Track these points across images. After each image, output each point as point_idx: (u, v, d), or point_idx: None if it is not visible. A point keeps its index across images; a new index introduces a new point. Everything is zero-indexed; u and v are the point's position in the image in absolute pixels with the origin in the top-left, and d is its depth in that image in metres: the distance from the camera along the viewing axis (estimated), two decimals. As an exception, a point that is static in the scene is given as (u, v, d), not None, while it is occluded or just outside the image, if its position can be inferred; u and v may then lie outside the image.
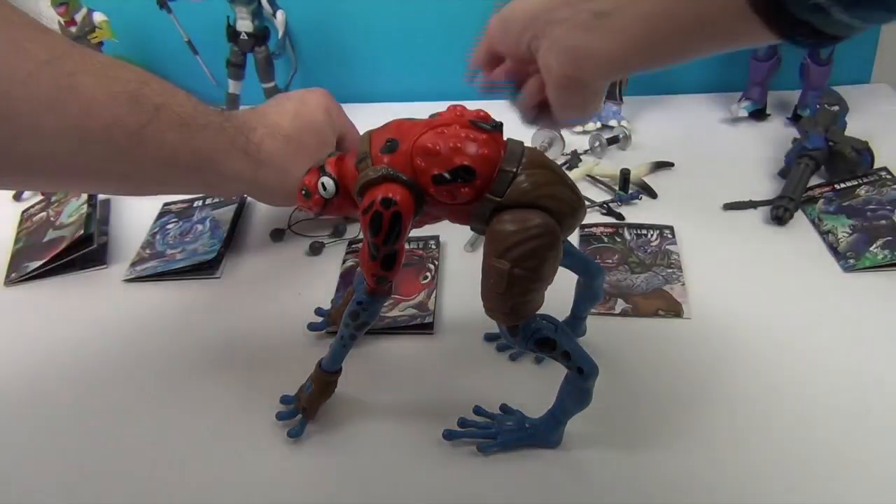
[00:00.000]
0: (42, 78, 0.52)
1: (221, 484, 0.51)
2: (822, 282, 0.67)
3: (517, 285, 0.44)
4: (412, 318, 0.64)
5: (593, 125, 0.94)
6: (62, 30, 0.92)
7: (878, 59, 1.02)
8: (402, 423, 0.55)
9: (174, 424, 0.56)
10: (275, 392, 0.56)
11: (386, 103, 1.02)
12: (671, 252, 0.71)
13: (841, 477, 0.49)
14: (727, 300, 0.65)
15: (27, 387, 0.61)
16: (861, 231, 0.71)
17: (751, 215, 0.76)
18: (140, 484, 0.52)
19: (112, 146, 0.56)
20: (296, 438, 0.53)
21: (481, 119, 0.47)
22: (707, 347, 0.60)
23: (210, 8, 0.92)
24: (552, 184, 0.45)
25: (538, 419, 0.52)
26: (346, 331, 0.51)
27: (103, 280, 0.73)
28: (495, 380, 0.58)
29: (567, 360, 0.47)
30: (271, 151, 0.65)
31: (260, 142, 0.65)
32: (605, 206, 0.78)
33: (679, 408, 0.55)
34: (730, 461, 0.50)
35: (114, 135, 0.55)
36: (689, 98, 1.01)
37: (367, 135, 0.48)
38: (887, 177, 0.78)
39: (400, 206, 0.45)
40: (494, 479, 0.50)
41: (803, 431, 0.52)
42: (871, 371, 0.57)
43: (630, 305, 0.65)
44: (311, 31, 1.02)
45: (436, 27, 1.02)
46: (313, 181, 0.50)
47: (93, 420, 0.57)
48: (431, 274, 0.69)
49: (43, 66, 0.52)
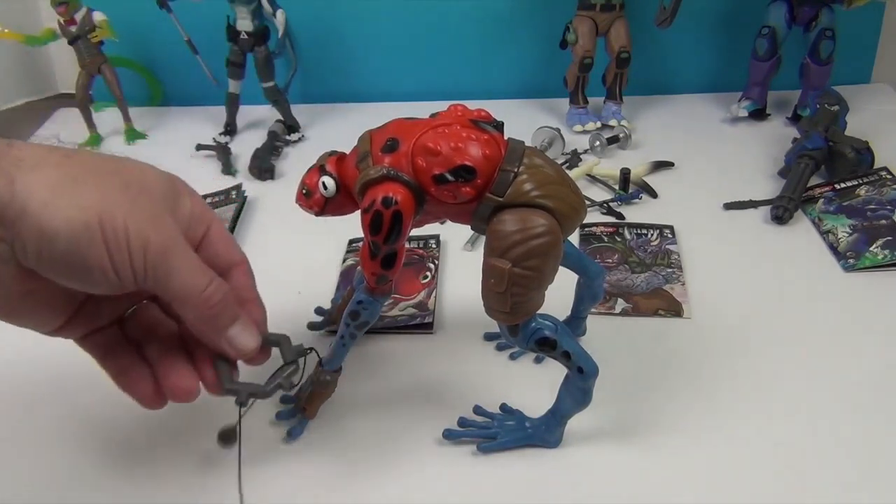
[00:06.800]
0: None
1: (221, 484, 0.51)
2: (822, 282, 0.67)
3: (517, 285, 0.44)
4: (412, 318, 0.64)
5: (593, 125, 0.94)
6: (62, 29, 0.92)
7: (878, 59, 1.02)
8: (402, 422, 0.55)
9: (174, 424, 0.56)
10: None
11: (386, 103, 1.02)
12: (671, 252, 0.71)
13: (841, 476, 0.49)
14: (727, 300, 0.65)
15: (26, 386, 0.61)
16: (861, 231, 0.71)
17: (751, 215, 0.76)
18: (140, 484, 0.52)
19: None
20: (296, 438, 0.53)
21: (482, 118, 0.47)
22: (707, 347, 0.60)
23: (210, 8, 0.91)
24: (553, 183, 0.45)
25: (538, 419, 0.52)
26: (347, 330, 0.51)
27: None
28: (495, 380, 0.58)
29: (567, 359, 0.47)
30: (38, 165, 0.37)
31: (22, 158, 0.37)
32: (606, 206, 0.78)
33: (679, 407, 0.55)
34: (730, 461, 0.50)
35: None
36: (689, 98, 1.02)
37: (367, 134, 0.48)
38: (887, 177, 0.78)
39: (400, 205, 0.45)
40: (494, 479, 0.50)
41: (804, 431, 0.52)
42: (871, 371, 0.57)
43: (630, 305, 0.65)
44: (311, 30, 1.02)
45: (436, 27, 1.02)
46: (314, 180, 0.50)
47: (92, 419, 0.57)
48: (431, 273, 0.69)
49: None
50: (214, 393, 0.45)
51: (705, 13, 0.99)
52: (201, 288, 0.39)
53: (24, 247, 0.36)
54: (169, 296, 0.39)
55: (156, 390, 0.44)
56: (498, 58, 1.03)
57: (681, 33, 0.96)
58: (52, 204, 0.36)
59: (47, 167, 0.37)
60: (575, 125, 0.95)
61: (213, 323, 0.41)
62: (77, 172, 0.38)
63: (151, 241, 0.37)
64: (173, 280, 0.38)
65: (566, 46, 0.93)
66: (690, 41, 1.01)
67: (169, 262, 0.38)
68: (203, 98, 1.03)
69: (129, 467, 0.53)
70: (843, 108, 0.84)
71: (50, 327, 0.42)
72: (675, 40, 0.99)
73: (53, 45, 0.97)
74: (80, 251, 0.36)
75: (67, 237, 0.36)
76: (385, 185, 0.45)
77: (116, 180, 0.39)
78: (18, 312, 0.40)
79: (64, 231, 0.35)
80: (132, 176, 0.40)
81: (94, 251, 0.36)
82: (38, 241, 0.36)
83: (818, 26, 0.89)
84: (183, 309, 0.40)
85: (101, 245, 0.36)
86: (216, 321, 0.41)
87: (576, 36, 0.92)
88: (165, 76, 1.07)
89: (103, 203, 0.37)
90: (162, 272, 0.38)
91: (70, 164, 0.38)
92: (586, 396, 0.48)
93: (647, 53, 0.98)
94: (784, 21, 0.90)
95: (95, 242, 0.36)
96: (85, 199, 0.36)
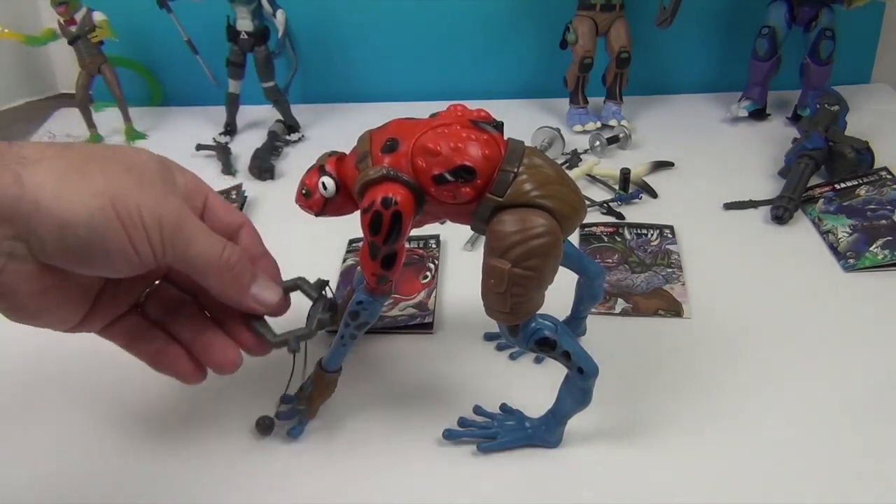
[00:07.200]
0: None
1: (221, 483, 0.51)
2: (822, 282, 0.67)
3: (517, 285, 0.44)
4: (412, 318, 0.64)
5: (593, 125, 0.95)
6: (62, 29, 0.92)
7: (878, 59, 1.02)
8: (402, 422, 0.55)
9: (173, 423, 0.56)
10: (274, 391, 0.56)
11: (386, 103, 1.02)
12: (671, 252, 0.71)
13: (842, 476, 0.49)
14: (727, 300, 0.65)
15: (26, 386, 0.61)
16: (861, 231, 0.71)
17: (751, 215, 0.76)
18: (139, 483, 0.52)
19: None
20: (296, 438, 0.53)
21: (482, 118, 0.47)
22: (707, 347, 0.60)
23: (210, 8, 0.91)
24: (553, 183, 0.45)
25: (538, 419, 0.52)
26: (347, 330, 0.51)
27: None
28: (495, 380, 0.58)
29: (567, 359, 0.47)
30: (44, 158, 0.38)
31: (24, 155, 0.38)
32: (606, 206, 0.78)
33: (679, 407, 0.55)
34: (730, 461, 0.50)
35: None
36: (689, 98, 1.02)
37: (367, 134, 0.48)
38: (887, 177, 0.78)
39: (400, 205, 0.45)
40: (494, 479, 0.50)
41: (804, 431, 0.52)
42: (870, 370, 0.57)
43: (630, 305, 0.65)
44: (311, 30, 1.02)
45: (436, 27, 1.02)
46: (314, 181, 0.50)
47: (92, 419, 0.57)
48: (431, 273, 0.69)
49: None
50: (261, 352, 0.46)
51: (705, 13, 0.99)
52: (218, 253, 0.40)
53: (41, 241, 0.36)
54: (189, 266, 0.40)
55: (195, 366, 0.45)
56: (498, 58, 1.03)
57: (681, 33, 0.96)
58: (64, 194, 0.36)
59: (50, 160, 0.37)
60: (575, 125, 0.95)
61: (236, 285, 0.42)
62: (79, 162, 0.38)
63: (164, 216, 0.38)
64: (191, 250, 0.39)
65: (566, 46, 0.93)
66: (690, 41, 1.01)
67: (184, 233, 0.39)
68: (203, 98, 1.03)
69: (128, 468, 0.53)
70: (843, 108, 0.84)
71: (70, 323, 0.42)
72: (675, 40, 0.99)
73: (53, 45, 0.97)
74: (99, 236, 0.37)
75: (86, 224, 0.36)
76: (385, 186, 0.45)
77: (118, 165, 0.39)
78: (37, 312, 0.40)
79: (82, 219, 0.36)
80: (129, 160, 0.41)
81: (112, 234, 0.37)
82: (58, 233, 0.36)
83: (818, 26, 0.89)
84: (205, 277, 0.41)
85: (119, 227, 0.37)
86: (238, 282, 0.42)
87: (576, 36, 0.92)
88: (165, 76, 1.07)
89: (113, 187, 0.37)
90: (180, 245, 0.39)
91: (70, 154, 0.38)
92: (586, 396, 0.48)
93: (647, 53, 0.98)
94: (784, 21, 0.90)
95: (113, 226, 0.37)
96: (95, 186, 0.37)
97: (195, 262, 0.40)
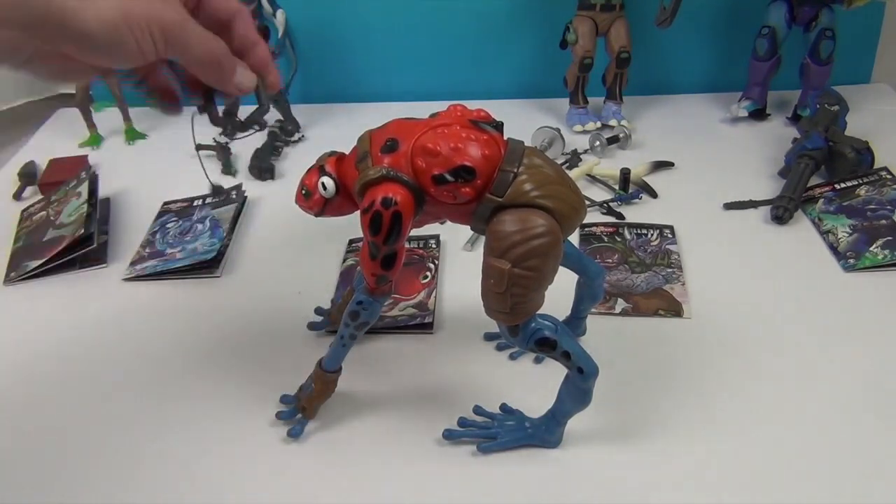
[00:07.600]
0: None
1: (221, 483, 0.51)
2: (822, 282, 0.67)
3: (517, 285, 0.44)
4: (412, 318, 0.64)
5: (593, 125, 0.95)
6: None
7: (878, 59, 1.02)
8: (402, 422, 0.55)
9: (173, 423, 0.56)
10: (275, 391, 0.56)
11: (386, 103, 1.02)
12: (671, 252, 0.71)
13: (842, 475, 0.49)
14: (727, 300, 0.65)
15: (26, 385, 0.61)
16: (861, 231, 0.71)
17: (751, 215, 0.76)
18: (139, 483, 0.52)
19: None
20: (296, 438, 0.53)
21: (482, 119, 0.47)
22: (707, 347, 0.60)
23: (210, 7, 0.91)
24: (553, 184, 0.45)
25: (538, 419, 0.52)
26: (347, 330, 0.51)
27: (103, 279, 0.73)
28: (495, 380, 0.58)
29: (567, 360, 0.47)
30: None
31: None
32: (606, 206, 0.78)
33: (679, 407, 0.55)
34: (730, 459, 0.50)
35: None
36: (689, 98, 1.02)
37: (367, 134, 0.48)
38: (887, 177, 0.78)
39: (400, 206, 0.45)
40: (494, 479, 0.50)
41: (804, 430, 0.52)
42: (870, 370, 0.57)
43: (630, 305, 0.65)
44: (311, 30, 1.02)
45: (436, 27, 1.02)
46: (313, 181, 0.50)
47: (92, 418, 0.57)
48: (431, 273, 0.69)
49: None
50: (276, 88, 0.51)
51: (705, 13, 0.99)
52: (211, 51, 0.46)
53: (61, 45, 0.42)
54: (186, 62, 0.46)
55: None
56: (498, 58, 1.03)
57: (681, 33, 0.96)
58: (83, 6, 0.41)
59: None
60: (575, 125, 0.95)
61: (223, 75, 0.47)
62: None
63: (166, 20, 0.44)
64: (189, 51, 0.45)
65: (566, 46, 0.93)
66: (690, 41, 1.01)
67: (185, 35, 0.45)
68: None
69: (128, 468, 0.53)
70: (843, 108, 0.84)
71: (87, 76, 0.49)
72: (675, 40, 0.99)
73: (53, 46, 0.97)
74: (115, 45, 0.42)
75: (103, 36, 0.42)
76: (384, 186, 0.45)
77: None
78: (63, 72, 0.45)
79: (100, 31, 0.42)
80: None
81: (124, 41, 0.42)
82: (78, 40, 0.41)
83: (818, 26, 0.89)
84: (198, 70, 0.47)
85: (130, 35, 0.42)
86: (225, 73, 0.47)
87: (576, 36, 0.92)
88: (165, 76, 1.07)
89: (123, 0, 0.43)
90: (181, 45, 0.45)
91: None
92: (586, 396, 0.48)
93: (647, 53, 0.98)
94: (784, 21, 0.90)
95: (124, 34, 0.42)
96: (110, 0, 0.42)
97: (193, 59, 0.46)
